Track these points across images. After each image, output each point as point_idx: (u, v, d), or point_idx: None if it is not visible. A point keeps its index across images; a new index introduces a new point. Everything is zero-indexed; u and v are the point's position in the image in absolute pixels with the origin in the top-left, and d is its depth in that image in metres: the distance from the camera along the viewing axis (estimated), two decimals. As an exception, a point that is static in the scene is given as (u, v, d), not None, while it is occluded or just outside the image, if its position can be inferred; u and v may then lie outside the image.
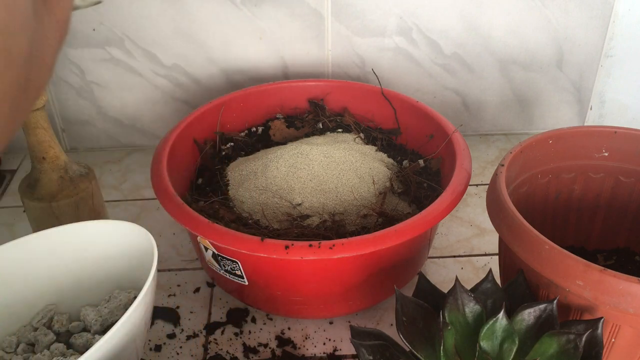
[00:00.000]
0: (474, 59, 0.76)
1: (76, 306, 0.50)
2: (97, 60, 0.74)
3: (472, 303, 0.39)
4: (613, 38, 0.75)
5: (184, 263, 0.62)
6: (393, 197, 0.57)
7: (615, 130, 0.52)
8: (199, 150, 0.64)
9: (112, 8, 0.70)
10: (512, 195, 0.47)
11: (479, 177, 0.75)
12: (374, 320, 0.55)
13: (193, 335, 0.54)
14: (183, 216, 0.49)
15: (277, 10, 0.72)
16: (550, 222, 0.55)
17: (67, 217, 0.56)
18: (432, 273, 0.60)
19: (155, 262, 0.43)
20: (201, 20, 0.72)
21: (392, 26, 0.73)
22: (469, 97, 0.80)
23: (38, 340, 0.46)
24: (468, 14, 0.73)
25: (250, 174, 0.59)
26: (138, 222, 0.48)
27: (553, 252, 0.39)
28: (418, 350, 0.38)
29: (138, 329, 0.41)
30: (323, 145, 0.62)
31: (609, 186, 0.54)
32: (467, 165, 0.55)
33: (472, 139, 0.81)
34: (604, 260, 0.55)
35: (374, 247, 0.46)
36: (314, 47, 0.75)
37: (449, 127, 0.61)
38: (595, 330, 0.37)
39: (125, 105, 0.78)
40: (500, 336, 0.38)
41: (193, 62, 0.75)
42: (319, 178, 0.58)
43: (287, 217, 0.54)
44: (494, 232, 0.47)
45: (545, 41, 0.75)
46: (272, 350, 0.52)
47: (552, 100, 0.80)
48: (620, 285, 0.36)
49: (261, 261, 0.48)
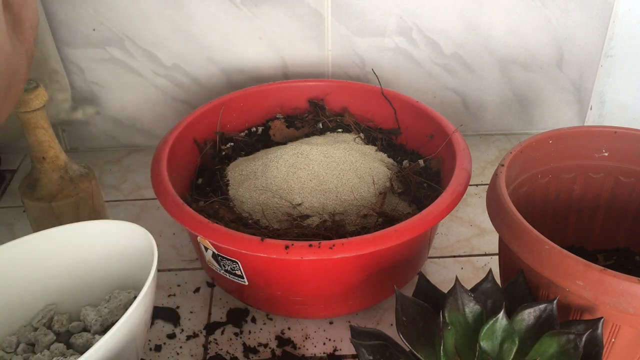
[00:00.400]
0: (474, 59, 0.76)
1: (76, 306, 0.50)
2: (97, 60, 0.74)
3: (472, 303, 0.39)
4: (613, 38, 0.75)
5: (184, 263, 0.62)
6: (393, 197, 0.58)
7: (615, 130, 0.52)
8: (199, 150, 0.64)
9: (112, 8, 0.70)
10: (512, 195, 0.47)
11: (479, 177, 0.75)
12: (374, 320, 0.55)
13: (193, 335, 0.54)
14: (183, 216, 0.49)
15: (277, 10, 0.72)
16: (550, 222, 0.55)
17: (67, 217, 0.56)
18: (432, 273, 0.60)
19: (155, 262, 0.43)
20: (201, 20, 0.72)
21: (392, 26, 0.73)
22: (469, 97, 0.80)
23: (38, 340, 0.46)
24: (468, 14, 0.73)
25: (250, 174, 0.59)
26: (138, 222, 0.48)
27: (553, 252, 0.39)
28: (418, 350, 0.38)
29: (138, 329, 0.41)
30: (323, 145, 0.62)
31: (609, 186, 0.54)
32: (467, 165, 0.55)
33: (472, 139, 0.82)
34: (604, 260, 0.55)
35: (374, 247, 0.46)
36: (314, 47, 0.75)
37: (449, 127, 0.61)
38: (595, 330, 0.37)
39: (125, 105, 0.78)
40: (500, 336, 0.38)
41: (193, 62, 0.75)
42: (319, 178, 0.58)
43: (287, 217, 0.54)
44: (494, 232, 0.47)
45: (545, 41, 0.75)
46: (272, 350, 0.52)
47: (552, 100, 0.80)
48: (620, 285, 0.36)
49: (261, 261, 0.48)
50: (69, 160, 0.57)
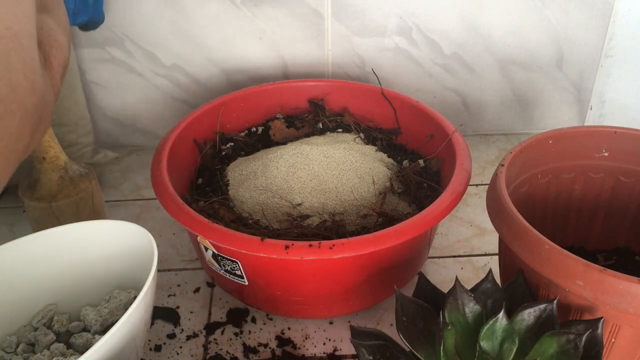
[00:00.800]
0: (474, 59, 0.76)
1: (76, 306, 0.50)
2: (97, 60, 0.74)
3: (472, 303, 0.39)
4: (613, 38, 0.75)
5: (184, 263, 0.62)
6: (393, 197, 0.57)
7: (615, 130, 0.52)
8: (199, 150, 0.64)
9: (112, 8, 0.70)
10: (512, 195, 0.47)
11: (479, 177, 0.75)
12: (374, 320, 0.55)
13: (193, 335, 0.54)
14: (183, 216, 0.49)
15: (277, 10, 0.72)
16: (550, 222, 0.55)
17: (67, 217, 0.56)
18: (432, 273, 0.60)
19: (155, 262, 0.43)
20: (201, 20, 0.72)
21: (392, 26, 0.73)
22: (469, 97, 0.80)
23: (38, 340, 0.46)
24: (468, 14, 0.73)
25: (250, 174, 0.59)
26: (138, 222, 0.48)
27: (553, 252, 0.39)
28: (418, 350, 0.38)
29: (138, 329, 0.41)
30: (323, 145, 0.62)
31: (609, 186, 0.54)
32: (467, 165, 0.55)
33: (472, 139, 0.82)
34: (604, 260, 0.55)
35: (374, 247, 0.46)
36: (314, 47, 0.75)
37: (449, 127, 0.61)
38: (595, 330, 0.37)
39: (125, 105, 0.78)
40: (500, 336, 0.37)
41: (193, 62, 0.75)
42: (319, 178, 0.58)
43: (287, 217, 0.54)
44: (494, 232, 0.47)
45: (545, 41, 0.75)
46: (272, 350, 0.52)
47: (552, 100, 0.80)
48: (620, 285, 0.36)
49: (261, 261, 0.48)
50: (69, 160, 0.57)
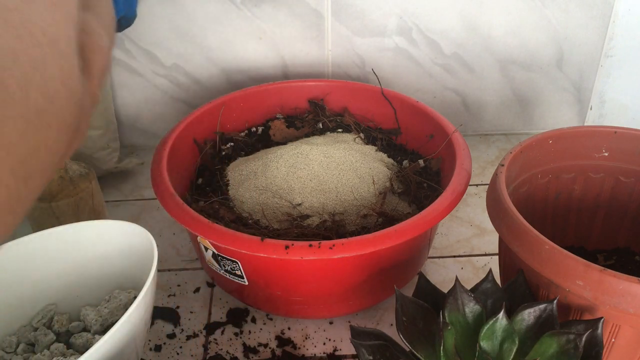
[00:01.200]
0: (474, 59, 0.76)
1: (76, 306, 0.50)
2: (97, 60, 0.74)
3: (472, 303, 0.39)
4: (613, 38, 0.75)
5: (184, 263, 0.62)
6: (393, 197, 0.57)
7: (615, 130, 0.52)
8: (199, 150, 0.64)
9: (112, 8, 0.70)
10: (512, 195, 0.47)
11: (479, 177, 0.75)
12: (374, 320, 0.55)
13: (193, 335, 0.54)
14: (183, 216, 0.49)
15: (277, 10, 0.72)
16: (550, 222, 0.55)
17: (67, 217, 0.56)
18: (432, 273, 0.60)
19: (155, 262, 0.43)
20: (201, 20, 0.72)
21: (392, 26, 0.73)
22: (469, 97, 0.80)
23: (38, 340, 0.46)
24: (468, 14, 0.73)
25: (250, 174, 0.59)
26: (138, 222, 0.48)
27: (553, 252, 0.39)
28: (418, 350, 0.38)
29: (138, 329, 0.41)
30: (323, 145, 0.62)
31: (609, 186, 0.54)
32: (467, 165, 0.55)
33: (472, 139, 0.82)
34: (604, 260, 0.55)
35: (374, 247, 0.46)
36: (314, 47, 0.75)
37: (449, 127, 0.61)
38: (595, 330, 0.37)
39: (125, 105, 0.78)
40: (500, 336, 0.37)
41: (193, 62, 0.75)
42: (319, 178, 0.58)
43: (287, 217, 0.54)
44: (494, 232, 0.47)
45: (545, 41, 0.75)
46: (272, 350, 0.52)
47: (552, 100, 0.80)
48: (620, 285, 0.36)
49: (261, 261, 0.48)
50: (69, 160, 0.57)
